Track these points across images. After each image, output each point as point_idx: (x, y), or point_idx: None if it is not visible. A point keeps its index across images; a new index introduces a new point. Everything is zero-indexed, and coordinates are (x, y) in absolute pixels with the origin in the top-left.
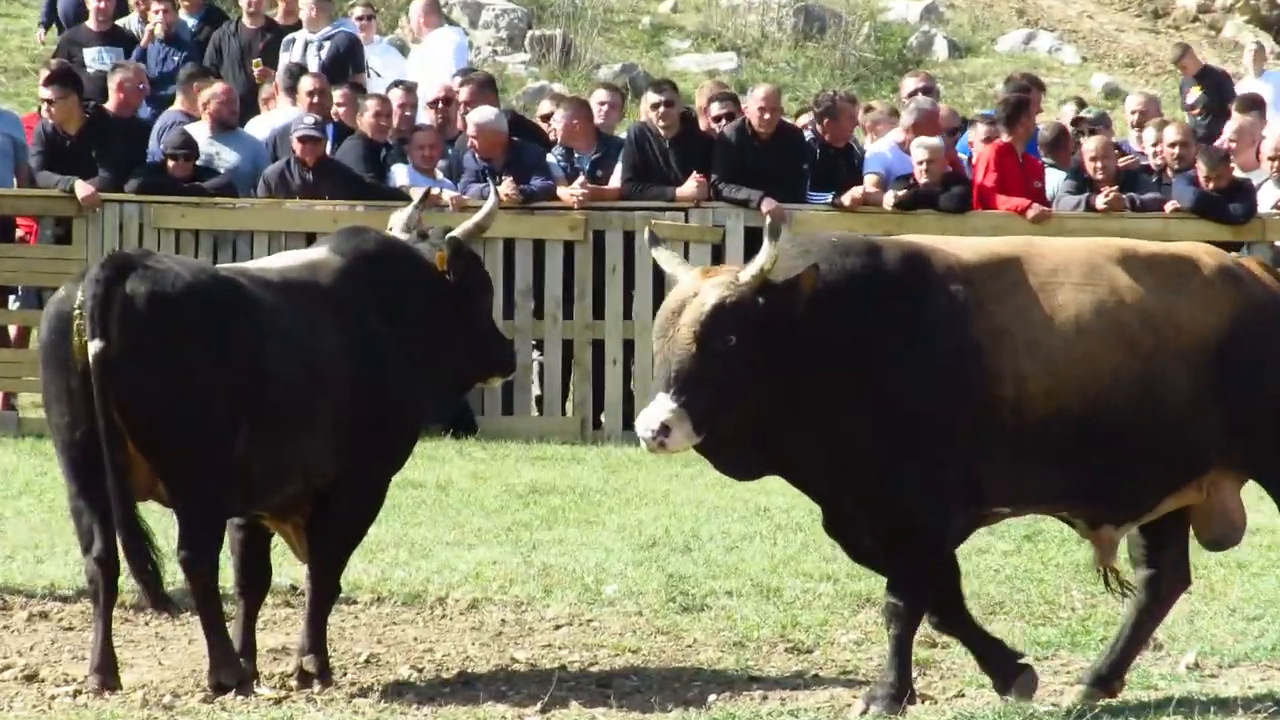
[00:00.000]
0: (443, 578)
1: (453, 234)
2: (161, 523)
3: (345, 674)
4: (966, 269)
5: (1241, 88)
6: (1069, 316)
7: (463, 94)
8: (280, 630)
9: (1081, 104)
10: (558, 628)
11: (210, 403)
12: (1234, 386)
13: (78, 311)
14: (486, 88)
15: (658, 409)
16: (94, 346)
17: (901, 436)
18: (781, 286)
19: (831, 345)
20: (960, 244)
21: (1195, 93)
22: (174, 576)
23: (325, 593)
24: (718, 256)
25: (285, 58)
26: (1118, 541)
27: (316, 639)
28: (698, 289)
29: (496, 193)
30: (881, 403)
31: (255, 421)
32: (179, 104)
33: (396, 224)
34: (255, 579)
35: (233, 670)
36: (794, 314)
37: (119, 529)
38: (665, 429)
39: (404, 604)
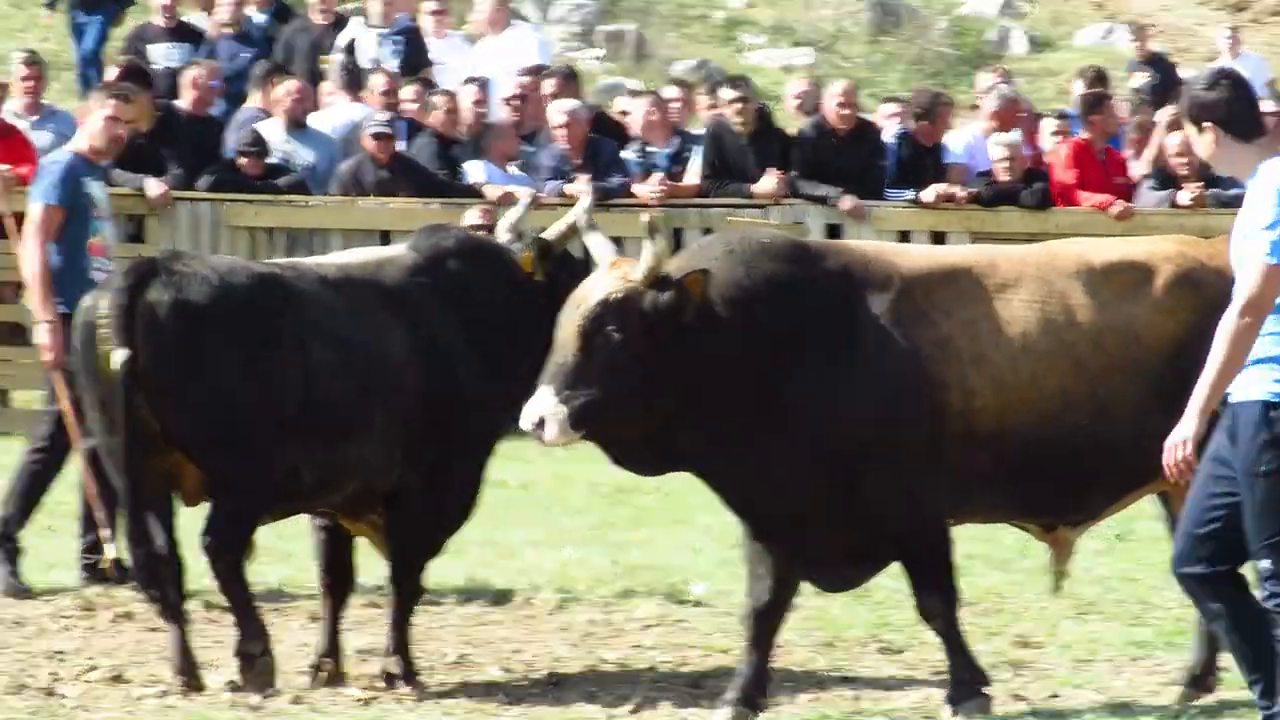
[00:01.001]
0: (529, 578)
1: (540, 235)
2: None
3: (434, 675)
4: (909, 277)
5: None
6: (1016, 334)
7: (547, 87)
8: (368, 631)
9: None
10: (646, 628)
11: (244, 408)
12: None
13: (103, 322)
14: (571, 81)
15: (537, 403)
16: (118, 357)
17: (817, 447)
18: (673, 287)
19: (748, 351)
20: (910, 252)
21: (1141, 78)
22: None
23: (405, 594)
24: None
25: (339, 55)
26: (1073, 542)
27: (400, 640)
28: (598, 282)
29: (590, 192)
30: (800, 412)
31: (301, 422)
32: (254, 101)
33: (503, 226)
34: (338, 579)
35: (259, 642)
36: (683, 316)
37: (129, 543)
38: (542, 423)
39: (492, 604)
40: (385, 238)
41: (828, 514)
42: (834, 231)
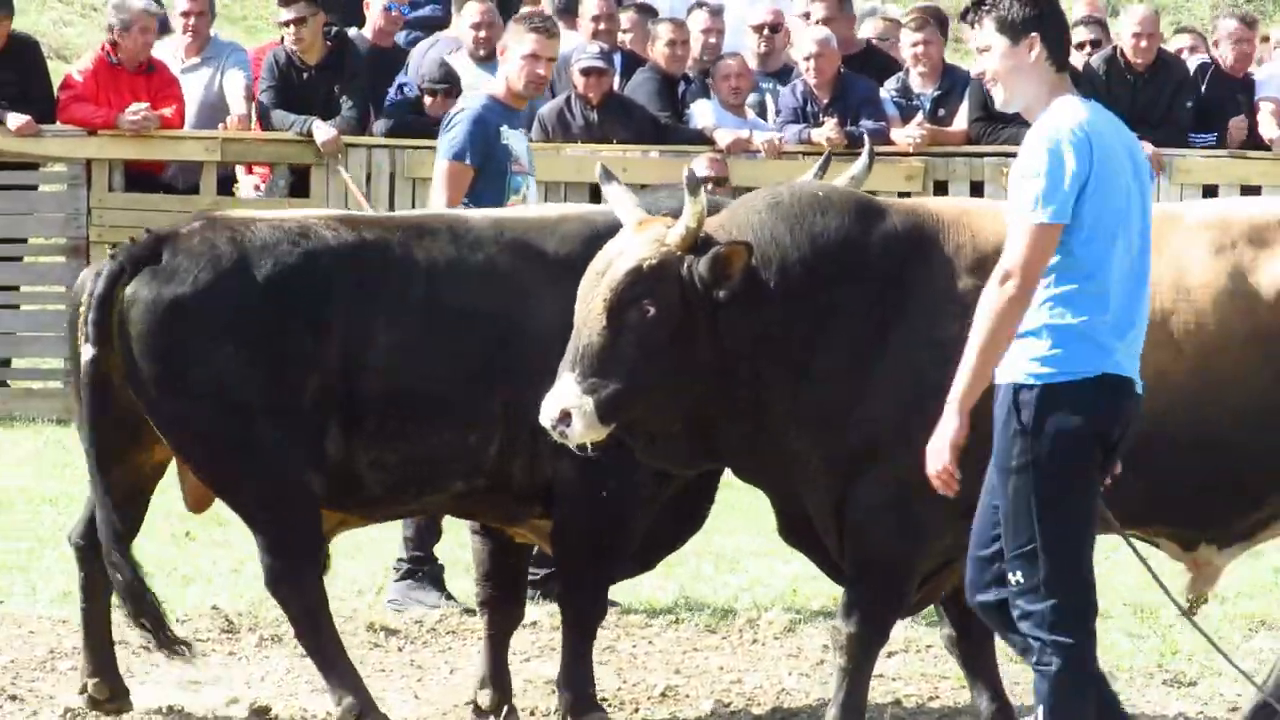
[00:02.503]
0: (753, 595)
1: None
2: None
3: (637, 710)
4: (986, 246)
5: None
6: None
7: (817, 11)
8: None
9: None
10: (891, 655)
11: (252, 418)
12: None
13: (82, 308)
14: (846, 7)
15: (561, 393)
16: (84, 354)
17: (834, 444)
18: (716, 255)
19: (786, 325)
20: (996, 211)
21: None
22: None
23: (574, 614)
24: None
25: None
26: (1219, 566)
27: (572, 671)
28: (625, 247)
29: (871, 149)
30: (825, 399)
31: (350, 417)
32: (453, 28)
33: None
34: (503, 596)
35: (355, 697)
36: (722, 290)
37: (109, 568)
38: (566, 417)
39: (707, 627)
40: (595, 192)
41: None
42: None
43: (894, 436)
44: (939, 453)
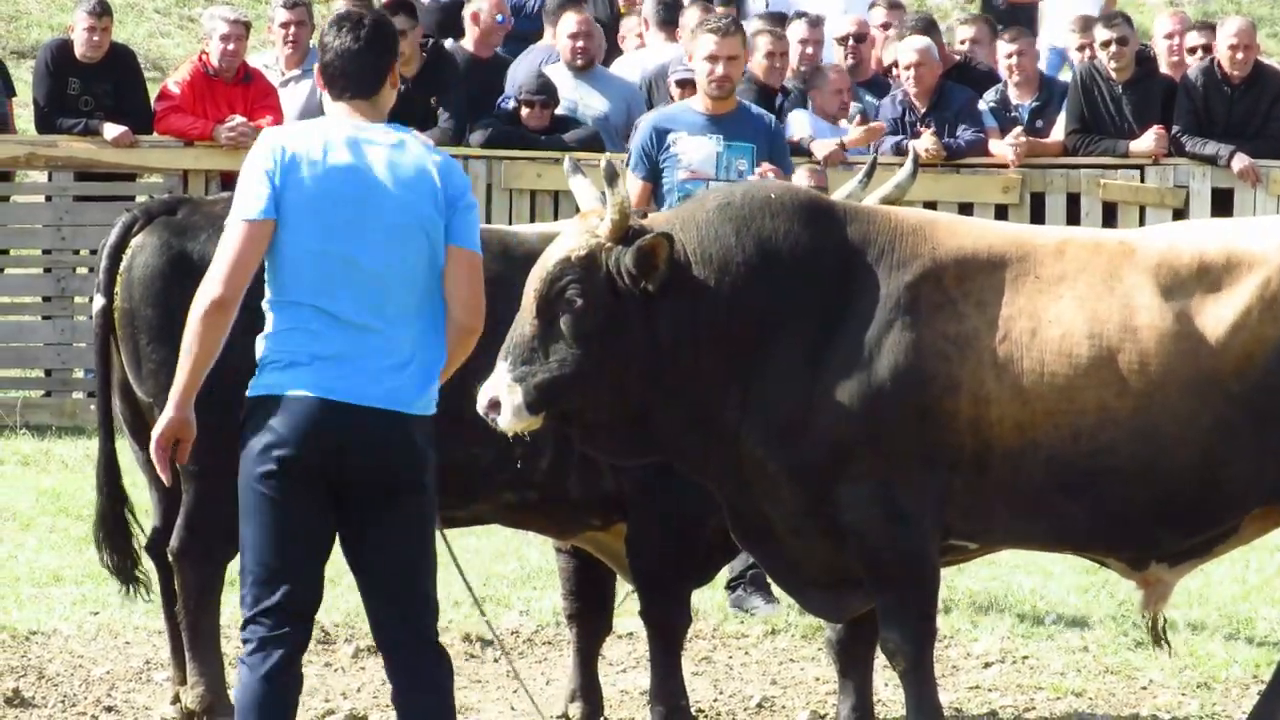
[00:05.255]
0: None
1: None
2: None
3: None
4: (944, 258)
5: None
6: (1054, 336)
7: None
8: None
9: None
10: (987, 665)
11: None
12: None
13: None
14: (931, 29)
15: (492, 381)
16: (95, 305)
17: (789, 444)
18: (639, 247)
19: (728, 325)
20: (962, 227)
21: None
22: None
23: (658, 625)
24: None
25: None
26: (1170, 584)
27: (663, 683)
28: (561, 238)
29: (915, 153)
30: (775, 401)
31: None
32: (546, 38)
33: (838, 197)
34: (589, 610)
35: (205, 692)
36: (648, 283)
37: (96, 494)
38: (495, 405)
39: (803, 637)
40: None
41: (803, 524)
42: (1223, 197)
43: (860, 438)
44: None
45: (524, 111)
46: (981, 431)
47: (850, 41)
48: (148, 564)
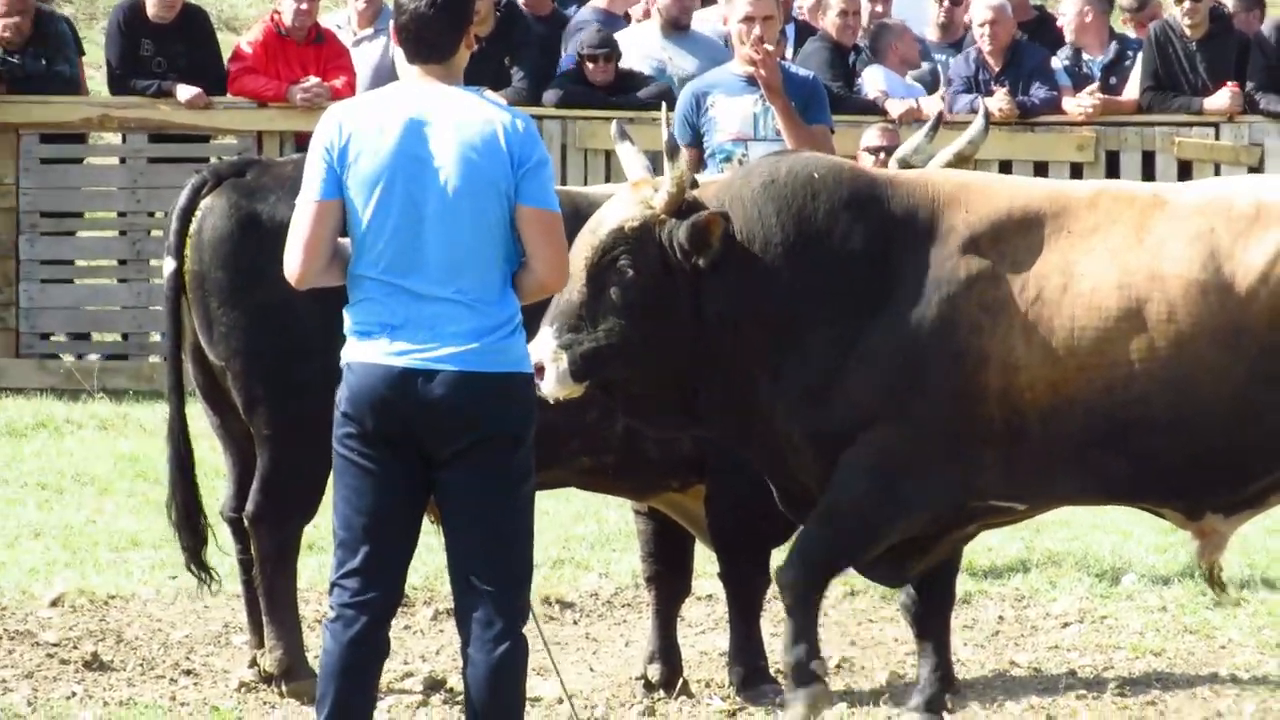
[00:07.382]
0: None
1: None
2: None
3: None
4: (979, 223)
5: None
6: (1084, 290)
7: None
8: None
9: None
10: (1065, 625)
11: (308, 352)
12: None
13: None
14: None
15: (537, 346)
16: (165, 267)
17: (818, 421)
18: (695, 222)
19: (768, 300)
20: (1000, 187)
21: None
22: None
23: (735, 587)
24: None
25: None
26: (1228, 534)
27: (741, 644)
28: (614, 207)
29: (986, 110)
30: (806, 379)
31: None
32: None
33: (903, 153)
34: (668, 572)
35: (283, 656)
36: (701, 258)
37: (168, 464)
38: (540, 370)
39: (882, 598)
40: None
41: None
42: None
43: (886, 410)
44: None
45: (588, 67)
46: (1011, 399)
47: (945, 3)
48: (221, 537)
